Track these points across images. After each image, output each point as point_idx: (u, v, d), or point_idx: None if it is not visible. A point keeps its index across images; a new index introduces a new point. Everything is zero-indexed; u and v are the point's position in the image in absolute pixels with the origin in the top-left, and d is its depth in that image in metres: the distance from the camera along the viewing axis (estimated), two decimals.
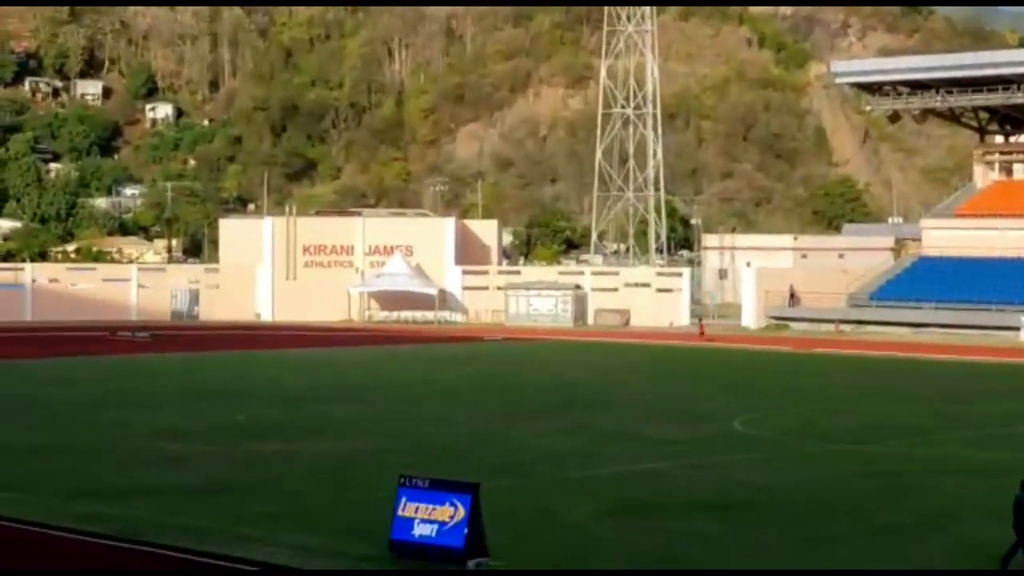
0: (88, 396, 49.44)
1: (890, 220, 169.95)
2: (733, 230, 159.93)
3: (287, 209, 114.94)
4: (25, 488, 29.36)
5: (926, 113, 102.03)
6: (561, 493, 29.43)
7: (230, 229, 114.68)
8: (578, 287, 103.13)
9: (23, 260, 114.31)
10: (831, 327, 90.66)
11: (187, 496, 28.59)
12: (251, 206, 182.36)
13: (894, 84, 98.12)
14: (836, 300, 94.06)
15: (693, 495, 29.37)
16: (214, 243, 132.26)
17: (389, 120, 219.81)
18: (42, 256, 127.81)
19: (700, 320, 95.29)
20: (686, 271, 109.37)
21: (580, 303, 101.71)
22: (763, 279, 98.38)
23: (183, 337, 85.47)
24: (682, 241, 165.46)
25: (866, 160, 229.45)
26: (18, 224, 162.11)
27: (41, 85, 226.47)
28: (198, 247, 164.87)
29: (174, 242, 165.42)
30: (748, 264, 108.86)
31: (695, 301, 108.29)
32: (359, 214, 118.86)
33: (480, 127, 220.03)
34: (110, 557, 23.19)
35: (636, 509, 27.59)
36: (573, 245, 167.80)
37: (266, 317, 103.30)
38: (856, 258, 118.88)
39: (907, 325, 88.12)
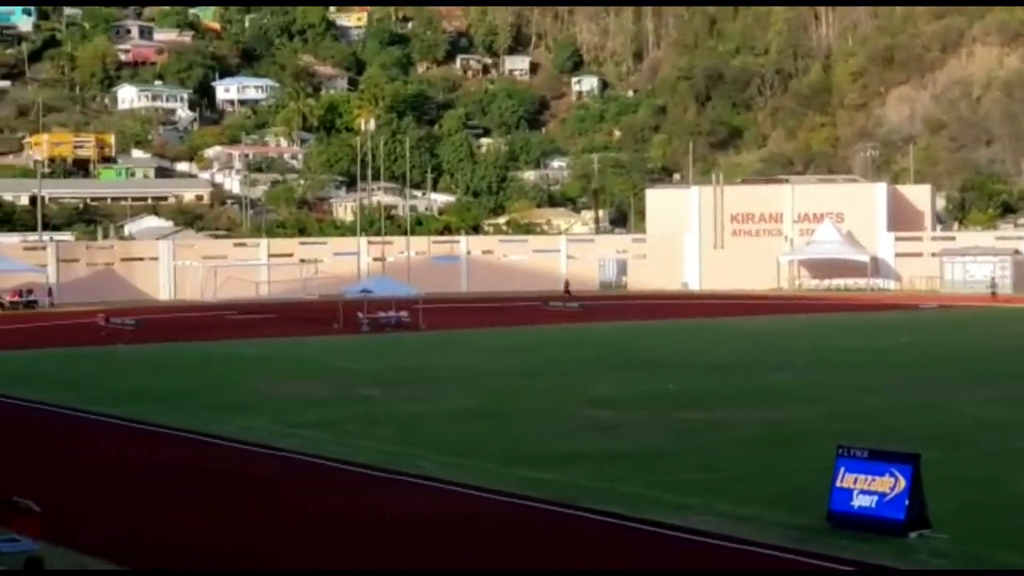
0: (522, 364, 50.55)
1: None
2: None
3: (713, 178, 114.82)
4: (464, 453, 30.10)
5: None
6: (1004, 463, 28.20)
7: (656, 199, 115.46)
8: (1017, 252, 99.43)
9: (458, 233, 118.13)
10: None
11: (621, 463, 28.75)
12: (676, 176, 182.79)
13: None
14: None
15: None
16: (640, 213, 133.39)
17: (816, 85, 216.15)
18: (475, 229, 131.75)
19: None
20: None
21: (1020, 268, 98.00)
22: None
23: (612, 306, 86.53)
24: None
25: None
26: (452, 198, 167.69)
27: (471, 62, 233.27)
28: (624, 217, 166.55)
29: (601, 213, 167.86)
30: None
31: None
32: (787, 181, 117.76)
33: (911, 89, 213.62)
34: (549, 522, 23.48)
35: None
36: (1010, 209, 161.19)
37: (693, 286, 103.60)
38: None
39: None
